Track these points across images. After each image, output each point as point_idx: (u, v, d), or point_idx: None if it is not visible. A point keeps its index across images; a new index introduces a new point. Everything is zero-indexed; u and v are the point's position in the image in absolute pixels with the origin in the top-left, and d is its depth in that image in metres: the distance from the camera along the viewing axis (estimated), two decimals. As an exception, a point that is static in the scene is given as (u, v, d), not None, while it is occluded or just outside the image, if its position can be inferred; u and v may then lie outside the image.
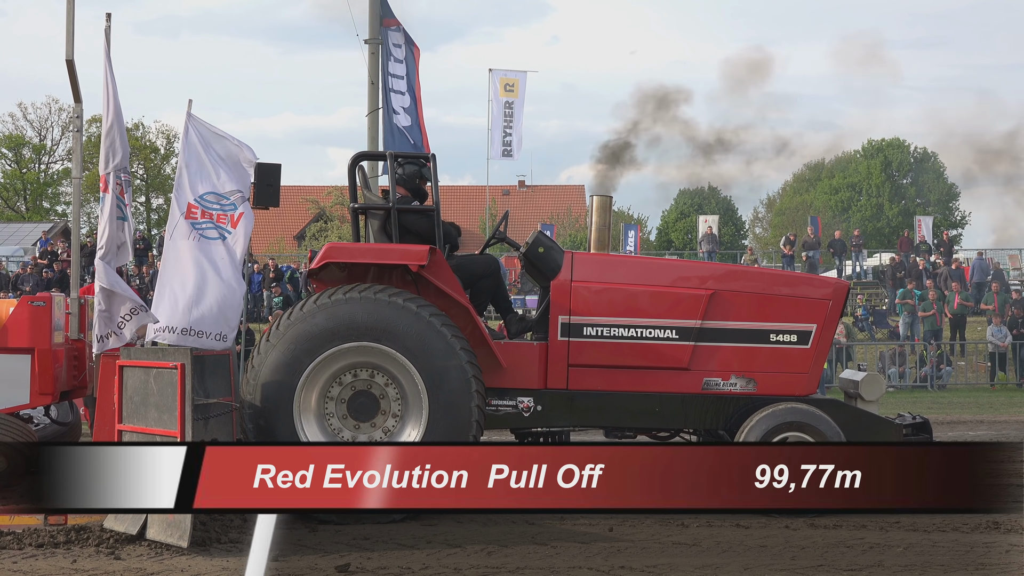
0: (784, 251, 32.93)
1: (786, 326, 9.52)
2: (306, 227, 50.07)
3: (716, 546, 8.01)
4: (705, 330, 9.42)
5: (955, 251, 33.60)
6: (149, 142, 54.27)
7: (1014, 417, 17.94)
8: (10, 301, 9.22)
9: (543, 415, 9.36)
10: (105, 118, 8.84)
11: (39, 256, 30.74)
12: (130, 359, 8.11)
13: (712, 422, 9.51)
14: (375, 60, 16.34)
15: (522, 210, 51.90)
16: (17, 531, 7.98)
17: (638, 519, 8.96)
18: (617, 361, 9.37)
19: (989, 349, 24.71)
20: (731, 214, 61.34)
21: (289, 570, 7.26)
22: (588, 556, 7.68)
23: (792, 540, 8.18)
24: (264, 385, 8.78)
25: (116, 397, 8.07)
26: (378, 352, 8.85)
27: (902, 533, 8.42)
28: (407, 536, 8.24)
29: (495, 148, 37.98)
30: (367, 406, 8.96)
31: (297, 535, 8.27)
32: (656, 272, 9.85)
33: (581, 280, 9.45)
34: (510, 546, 7.96)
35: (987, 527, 8.61)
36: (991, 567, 7.39)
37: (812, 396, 9.62)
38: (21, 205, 55.09)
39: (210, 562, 7.40)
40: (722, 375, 9.47)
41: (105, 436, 8.11)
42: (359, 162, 9.94)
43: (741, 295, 9.55)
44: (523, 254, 9.74)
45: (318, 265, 9.12)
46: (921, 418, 9.87)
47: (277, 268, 28.88)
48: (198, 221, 9.46)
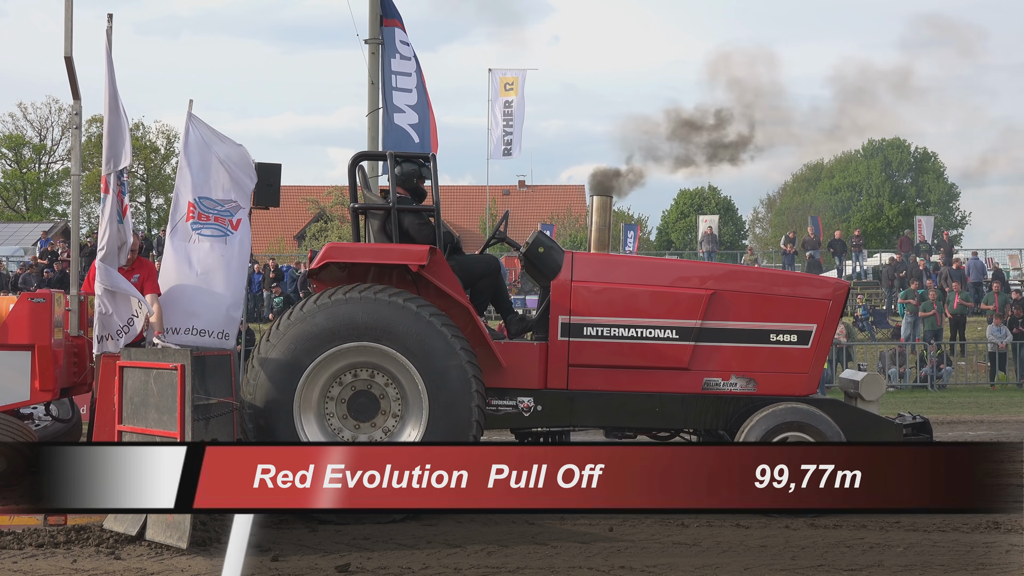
0: (785, 249, 32.93)
1: (786, 326, 9.53)
2: (306, 227, 50.07)
3: (716, 546, 8.01)
4: (705, 330, 9.42)
5: (955, 251, 33.59)
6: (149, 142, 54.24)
7: (1014, 417, 17.94)
8: (10, 298, 9.21)
9: (543, 415, 9.36)
10: (106, 120, 8.84)
11: (39, 256, 30.75)
12: (130, 360, 8.11)
13: (712, 422, 9.51)
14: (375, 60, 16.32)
15: (522, 210, 51.91)
16: (17, 531, 7.98)
17: (638, 519, 8.96)
18: (617, 361, 9.37)
19: (989, 349, 24.70)
20: (731, 214, 61.35)
21: (289, 570, 7.26)
22: (588, 556, 7.68)
23: (792, 540, 8.19)
24: (264, 385, 8.78)
25: (116, 398, 8.07)
26: (378, 352, 8.85)
27: (902, 533, 8.42)
28: (407, 536, 8.24)
29: (495, 148, 38.00)
30: (367, 406, 8.96)
31: (297, 535, 8.28)
32: (656, 272, 9.85)
33: (581, 280, 9.45)
34: (510, 546, 7.96)
35: (987, 527, 8.61)
36: (991, 567, 7.39)
37: (812, 396, 9.62)
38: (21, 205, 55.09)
39: (210, 562, 7.40)
40: (722, 375, 9.47)
41: (105, 437, 8.11)
42: (359, 162, 9.94)
43: (741, 295, 9.55)
44: (523, 254, 9.74)
45: (318, 265, 9.12)
46: (921, 418, 9.87)
47: (277, 268, 28.88)
48: (197, 222, 9.46)
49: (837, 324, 9.84)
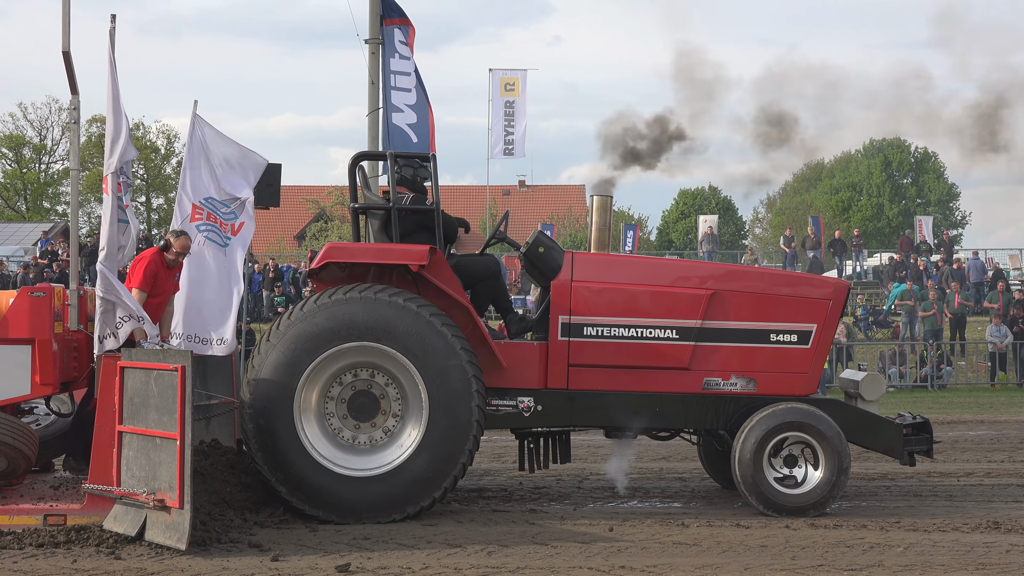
0: (784, 250, 32.92)
1: (786, 326, 9.53)
2: (306, 227, 50.07)
3: (716, 546, 8.01)
4: (705, 330, 9.42)
5: (955, 251, 33.58)
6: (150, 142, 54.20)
7: (1014, 417, 17.94)
8: (10, 292, 9.21)
9: (543, 415, 9.36)
10: (109, 120, 8.84)
11: (39, 256, 30.75)
12: (131, 360, 8.10)
13: (712, 422, 9.51)
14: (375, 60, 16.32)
15: (522, 210, 51.93)
16: (17, 531, 7.98)
17: (639, 519, 8.96)
18: (617, 361, 9.37)
19: (989, 349, 24.70)
20: (731, 214, 61.34)
21: (289, 570, 7.26)
22: (588, 556, 7.68)
23: (792, 540, 8.19)
24: (264, 385, 8.77)
25: (116, 398, 8.07)
26: (378, 352, 8.85)
27: (902, 533, 8.42)
28: (407, 536, 8.24)
29: (496, 147, 38.03)
30: (367, 406, 8.96)
31: (297, 535, 8.28)
32: (656, 272, 9.85)
33: (581, 280, 9.45)
34: (510, 546, 7.96)
35: (987, 527, 8.61)
36: (991, 567, 7.39)
37: (812, 396, 9.62)
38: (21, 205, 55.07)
39: (210, 562, 7.40)
40: (722, 375, 9.47)
41: (105, 437, 8.10)
42: (359, 162, 9.94)
43: (741, 295, 9.55)
44: (523, 254, 9.74)
45: (318, 265, 9.12)
46: (921, 418, 9.87)
47: (277, 268, 28.88)
48: (203, 223, 9.48)
49: (837, 324, 9.84)
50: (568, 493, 10.34)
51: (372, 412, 8.96)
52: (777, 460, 9.17)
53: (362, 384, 8.97)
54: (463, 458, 8.86)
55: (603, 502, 9.91)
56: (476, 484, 10.72)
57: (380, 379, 8.95)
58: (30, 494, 8.80)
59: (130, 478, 7.92)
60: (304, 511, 8.72)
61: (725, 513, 9.31)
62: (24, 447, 8.68)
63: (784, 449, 9.17)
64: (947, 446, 13.42)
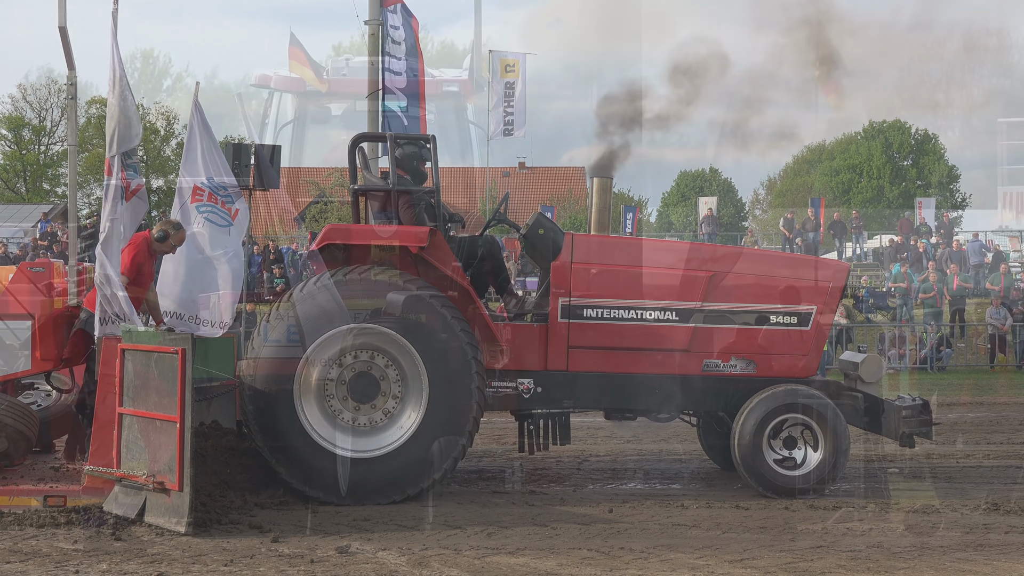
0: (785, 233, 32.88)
1: (786, 308, 9.52)
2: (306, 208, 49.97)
3: (716, 527, 8.02)
4: (705, 312, 9.42)
5: (956, 233, 33.54)
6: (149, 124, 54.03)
7: (1014, 399, 17.95)
8: (9, 268, 9.20)
9: (543, 396, 9.36)
10: (111, 101, 8.82)
11: (39, 238, 30.71)
12: (132, 343, 8.09)
13: (712, 404, 9.52)
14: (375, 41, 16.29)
15: (523, 192, 51.78)
16: (18, 512, 8.00)
17: (638, 500, 8.98)
18: (617, 343, 9.37)
19: (989, 331, 24.69)
20: (731, 196, 61.24)
21: (289, 551, 7.28)
22: (588, 537, 7.69)
23: (792, 521, 8.20)
24: (265, 366, 8.77)
25: (117, 380, 8.06)
26: (378, 333, 8.85)
27: (901, 514, 8.44)
28: (407, 517, 8.26)
29: (496, 128, 38.01)
30: (367, 388, 8.95)
31: (297, 516, 8.29)
32: (656, 254, 9.83)
33: (581, 262, 9.43)
34: (510, 527, 7.97)
35: (987, 508, 8.63)
36: (991, 548, 7.41)
37: (812, 378, 9.62)
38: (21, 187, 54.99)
39: (210, 543, 7.42)
40: (722, 357, 9.47)
41: (106, 419, 8.10)
42: (359, 143, 9.91)
43: (741, 277, 9.54)
44: (523, 236, 9.72)
45: (318, 246, 9.11)
46: (921, 399, 9.87)
47: (277, 249, 28.85)
48: (203, 204, 9.46)
49: (837, 306, 9.83)
50: (568, 474, 10.35)
51: (372, 394, 8.96)
52: (776, 442, 9.18)
53: (362, 366, 8.96)
54: (463, 439, 8.87)
55: (602, 483, 9.92)
56: (476, 466, 10.74)
57: (380, 361, 8.95)
58: (30, 475, 8.81)
59: (130, 460, 7.92)
60: (304, 492, 8.73)
61: (724, 495, 9.32)
62: (25, 428, 8.69)
63: (784, 431, 9.18)
64: (947, 428, 13.42)
